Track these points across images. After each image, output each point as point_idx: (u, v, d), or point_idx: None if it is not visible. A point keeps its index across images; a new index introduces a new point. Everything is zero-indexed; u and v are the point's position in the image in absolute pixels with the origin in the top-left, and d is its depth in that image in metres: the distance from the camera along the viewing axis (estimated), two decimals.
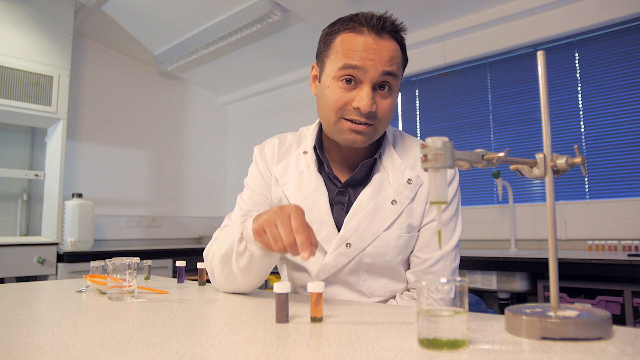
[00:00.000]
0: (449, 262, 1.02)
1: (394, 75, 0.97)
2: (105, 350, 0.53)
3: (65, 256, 2.78)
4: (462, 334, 0.51)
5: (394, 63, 0.97)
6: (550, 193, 0.61)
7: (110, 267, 0.90)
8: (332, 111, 0.99)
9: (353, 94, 0.97)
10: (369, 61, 0.94)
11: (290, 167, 1.11)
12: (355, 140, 0.99)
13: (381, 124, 1.00)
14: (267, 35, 3.25)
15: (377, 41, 0.95)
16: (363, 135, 0.99)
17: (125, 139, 3.78)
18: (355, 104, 0.96)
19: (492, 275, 2.22)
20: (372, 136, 1.01)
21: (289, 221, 0.79)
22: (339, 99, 0.97)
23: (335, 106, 0.98)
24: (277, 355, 0.50)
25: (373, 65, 0.94)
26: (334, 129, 1.01)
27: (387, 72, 0.96)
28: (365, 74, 0.95)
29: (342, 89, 0.97)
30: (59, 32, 2.99)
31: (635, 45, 2.47)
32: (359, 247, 1.00)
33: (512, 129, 2.88)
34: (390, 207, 1.01)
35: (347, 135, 0.99)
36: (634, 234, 2.33)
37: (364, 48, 0.95)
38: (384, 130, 1.04)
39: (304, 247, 0.76)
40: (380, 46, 0.95)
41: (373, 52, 0.95)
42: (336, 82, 0.98)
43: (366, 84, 0.96)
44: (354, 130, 0.98)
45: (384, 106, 0.98)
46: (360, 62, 0.94)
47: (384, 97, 0.98)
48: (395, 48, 0.98)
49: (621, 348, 0.50)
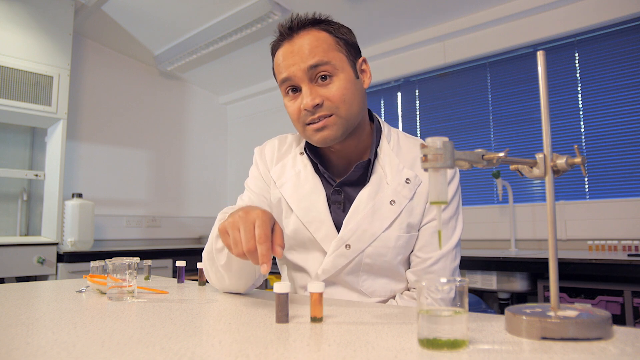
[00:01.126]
0: (449, 261, 1.02)
1: (324, 63, 0.97)
2: (105, 350, 0.53)
3: (65, 256, 2.78)
4: (462, 334, 0.51)
5: (316, 52, 0.98)
6: (550, 193, 0.61)
7: (110, 267, 0.90)
8: (295, 123, 1.04)
9: (300, 100, 1.00)
10: (291, 67, 0.99)
11: (287, 168, 1.11)
12: (324, 137, 0.99)
13: (340, 109, 0.98)
14: (267, 35, 3.25)
15: (291, 44, 1.00)
16: (328, 129, 0.99)
17: (125, 139, 3.78)
18: (302, 107, 0.99)
19: (492, 275, 2.22)
20: (339, 126, 0.99)
21: (252, 227, 0.74)
22: (293, 110, 1.02)
23: (294, 117, 1.03)
24: (277, 355, 0.50)
25: (296, 67, 0.98)
26: (305, 137, 1.04)
27: (312, 66, 0.97)
28: (296, 78, 0.99)
29: (291, 100, 1.02)
30: (59, 32, 2.99)
31: (635, 45, 2.47)
32: (358, 248, 1.00)
33: (512, 129, 2.88)
34: (389, 207, 1.01)
35: (315, 137, 1.01)
36: (634, 234, 2.33)
37: (284, 58, 1.00)
38: (351, 114, 1.00)
39: (265, 259, 0.72)
40: (296, 47, 0.99)
41: (291, 56, 0.99)
42: (286, 97, 1.04)
43: (303, 85, 0.99)
44: (316, 130, 0.99)
45: (332, 92, 0.98)
46: (286, 71, 0.99)
47: (326, 85, 0.98)
48: (313, 38, 0.99)
49: (621, 348, 0.50)
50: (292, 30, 1.01)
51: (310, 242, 1.05)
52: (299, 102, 1.00)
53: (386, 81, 3.45)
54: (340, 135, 1.00)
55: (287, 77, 0.99)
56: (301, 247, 1.06)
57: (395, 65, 3.31)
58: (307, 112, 0.98)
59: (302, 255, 1.07)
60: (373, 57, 3.34)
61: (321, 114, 0.98)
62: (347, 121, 1.00)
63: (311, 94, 0.97)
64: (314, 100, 0.97)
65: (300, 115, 1.00)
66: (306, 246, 1.06)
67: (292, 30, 1.01)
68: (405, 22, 3.08)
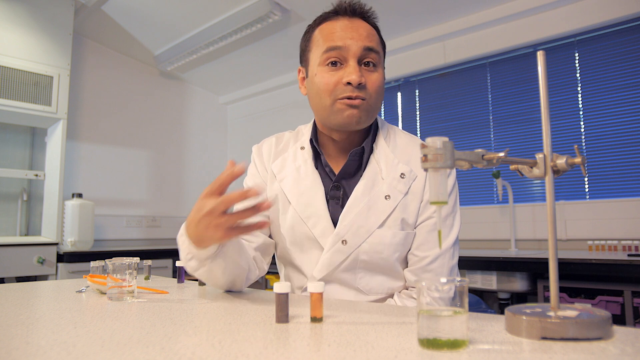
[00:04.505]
0: (447, 259, 1.02)
1: (376, 51, 1.02)
2: (105, 350, 0.53)
3: (65, 256, 2.78)
4: (462, 334, 0.51)
5: (372, 40, 1.02)
6: (550, 193, 0.61)
7: (110, 267, 0.90)
8: (325, 95, 1.02)
9: (341, 74, 1.00)
10: (348, 39, 1.00)
11: (287, 163, 1.12)
12: (353, 115, 1.00)
13: (372, 99, 1.01)
14: (267, 35, 3.25)
15: (352, 21, 1.03)
16: (359, 110, 1.00)
17: (125, 139, 3.78)
18: (345, 80, 0.99)
19: (492, 275, 2.22)
20: (368, 112, 1.02)
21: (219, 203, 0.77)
22: (329, 81, 1.01)
23: (327, 89, 1.01)
24: (277, 355, 0.50)
25: (353, 42, 1.00)
26: (331, 112, 1.02)
27: (368, 48, 1.00)
28: (348, 51, 1.00)
29: (329, 72, 1.01)
30: (59, 32, 2.99)
31: (635, 45, 2.47)
32: (354, 243, 1.00)
33: (512, 129, 2.88)
34: (384, 202, 1.01)
35: (346, 112, 1.00)
36: (634, 234, 2.33)
37: (342, 28, 1.02)
38: (376, 108, 1.04)
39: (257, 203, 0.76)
40: (356, 25, 1.02)
41: (351, 30, 1.01)
42: (323, 67, 1.02)
43: (351, 60, 1.00)
44: (350, 105, 0.99)
45: (373, 80, 1.01)
46: (341, 41, 1.00)
47: (370, 72, 1.02)
48: (369, 27, 1.04)
49: (621, 348, 0.50)
50: (354, 12, 1.04)
51: (307, 240, 1.05)
52: (340, 75, 1.00)
53: (386, 81, 3.44)
54: (365, 121, 1.03)
55: (340, 46, 1.00)
56: (298, 246, 1.07)
57: (395, 65, 3.31)
58: (347, 87, 0.99)
59: (300, 254, 1.07)
60: None
61: (359, 94, 0.99)
62: (373, 112, 1.04)
63: (360, 71, 0.99)
64: (361, 79, 0.98)
65: (335, 88, 1.00)
66: (303, 245, 1.06)
67: (355, 12, 1.04)
68: (405, 22, 3.08)
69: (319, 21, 1.07)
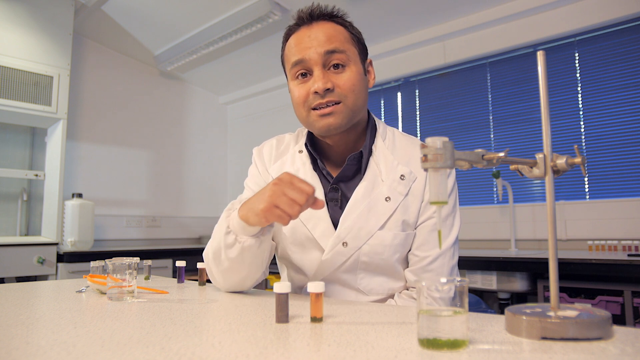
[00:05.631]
0: (447, 259, 1.03)
1: (340, 51, 1.01)
2: (105, 350, 0.53)
3: (65, 256, 2.78)
4: (462, 334, 0.51)
5: (333, 41, 1.01)
6: (550, 193, 0.61)
7: (110, 267, 0.90)
8: (299, 107, 1.04)
9: (310, 84, 1.01)
10: (307, 50, 1.01)
11: (286, 166, 1.12)
12: (329, 124, 1.00)
13: (347, 99, 1.01)
14: (267, 35, 3.25)
15: (309, 29, 1.03)
16: (334, 116, 1.00)
17: (125, 139, 3.78)
18: (312, 90, 1.00)
19: (492, 275, 2.22)
20: (345, 115, 1.01)
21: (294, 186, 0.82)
22: (300, 93, 1.03)
23: (300, 101, 1.03)
24: (277, 355, 0.50)
25: (312, 50, 1.00)
26: (308, 123, 1.04)
27: (329, 51, 1.00)
28: (310, 61, 1.01)
29: (300, 84, 1.03)
30: (59, 32, 2.99)
31: (635, 45, 2.47)
32: (355, 245, 1.01)
33: (512, 129, 2.88)
34: (385, 204, 1.02)
35: (319, 123, 1.01)
36: (634, 234, 2.33)
37: (299, 41, 1.03)
38: (356, 106, 1.03)
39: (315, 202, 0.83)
40: (314, 32, 1.02)
41: (308, 40, 1.02)
42: (294, 81, 1.05)
43: (315, 69, 1.01)
44: (322, 115, 1.00)
45: (342, 80, 1.01)
46: (300, 54, 1.01)
47: (338, 74, 1.01)
48: (331, 28, 1.03)
49: (621, 348, 0.50)
50: (312, 18, 1.04)
51: (308, 241, 1.05)
52: (308, 86, 1.01)
53: (386, 81, 3.44)
54: (344, 124, 1.02)
55: (301, 60, 1.01)
56: (299, 247, 1.07)
57: (395, 65, 3.31)
58: (316, 95, 1.00)
59: (300, 255, 1.07)
60: (373, 57, 3.33)
61: (330, 99, 1.00)
62: (352, 112, 1.02)
63: (323, 77, 0.99)
64: (326, 85, 0.99)
65: (307, 99, 1.02)
66: (304, 245, 1.06)
67: (312, 17, 1.04)
68: (405, 22, 3.08)
69: (286, 36, 1.09)
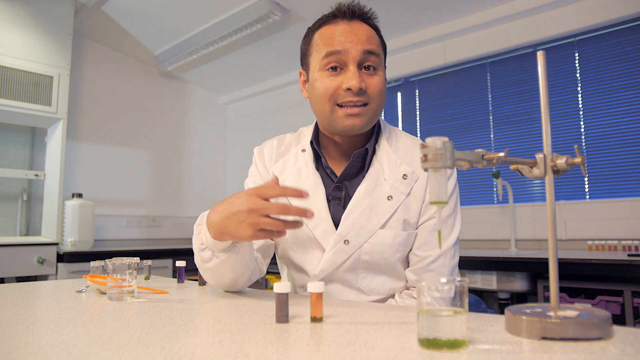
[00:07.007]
0: (448, 259, 1.03)
1: (376, 54, 1.01)
2: (105, 350, 0.53)
3: (65, 256, 2.78)
4: (462, 334, 0.51)
5: (372, 42, 1.01)
6: (550, 193, 0.61)
7: (110, 267, 0.90)
8: (324, 100, 1.02)
9: (341, 79, 1.00)
10: (347, 43, 0.99)
11: (288, 165, 1.12)
12: (354, 124, 1.00)
13: (374, 102, 1.01)
14: (267, 35, 3.25)
15: (351, 25, 1.02)
16: (360, 118, 1.00)
17: (125, 139, 3.78)
18: (345, 85, 0.98)
19: (492, 275, 2.22)
20: (369, 117, 1.02)
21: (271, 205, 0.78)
22: (329, 86, 1.00)
23: (327, 94, 1.01)
24: (277, 355, 0.50)
25: (352, 46, 0.99)
26: (330, 118, 1.02)
27: (368, 51, 1.00)
28: (348, 55, 0.99)
29: (329, 77, 1.01)
30: (59, 32, 2.99)
31: (635, 45, 2.47)
32: (356, 243, 1.01)
33: (512, 129, 2.88)
34: (387, 202, 1.02)
35: (345, 122, 1.01)
36: (634, 234, 2.33)
37: (341, 33, 1.01)
38: (379, 111, 1.04)
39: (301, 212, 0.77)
40: (355, 28, 1.01)
41: (350, 34, 1.00)
42: (323, 72, 1.02)
43: (351, 65, 0.99)
44: (350, 115, 1.00)
45: (374, 84, 1.01)
46: (340, 46, 0.99)
47: (371, 76, 1.01)
48: (369, 30, 1.03)
49: (621, 348, 0.50)
50: (353, 14, 1.03)
51: (309, 240, 1.05)
52: (339, 81, 1.00)
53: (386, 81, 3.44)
54: (367, 126, 1.03)
55: (339, 51, 0.99)
56: (300, 246, 1.07)
57: (395, 65, 3.31)
58: (348, 92, 0.99)
59: (301, 254, 1.07)
60: None
61: (360, 99, 0.99)
62: (375, 115, 1.03)
63: (360, 76, 0.99)
64: (362, 84, 0.98)
65: (335, 94, 1.00)
66: (305, 245, 1.06)
67: (354, 14, 1.03)
68: (405, 22, 3.08)
69: (318, 24, 1.06)
